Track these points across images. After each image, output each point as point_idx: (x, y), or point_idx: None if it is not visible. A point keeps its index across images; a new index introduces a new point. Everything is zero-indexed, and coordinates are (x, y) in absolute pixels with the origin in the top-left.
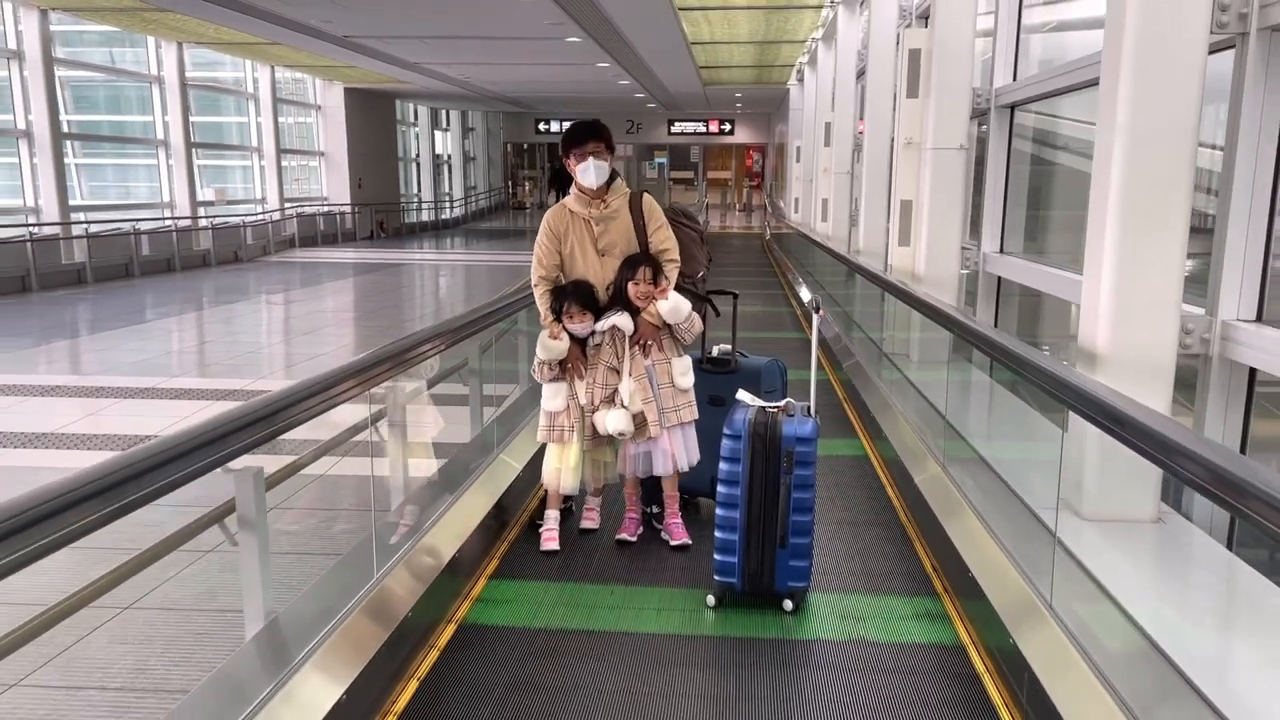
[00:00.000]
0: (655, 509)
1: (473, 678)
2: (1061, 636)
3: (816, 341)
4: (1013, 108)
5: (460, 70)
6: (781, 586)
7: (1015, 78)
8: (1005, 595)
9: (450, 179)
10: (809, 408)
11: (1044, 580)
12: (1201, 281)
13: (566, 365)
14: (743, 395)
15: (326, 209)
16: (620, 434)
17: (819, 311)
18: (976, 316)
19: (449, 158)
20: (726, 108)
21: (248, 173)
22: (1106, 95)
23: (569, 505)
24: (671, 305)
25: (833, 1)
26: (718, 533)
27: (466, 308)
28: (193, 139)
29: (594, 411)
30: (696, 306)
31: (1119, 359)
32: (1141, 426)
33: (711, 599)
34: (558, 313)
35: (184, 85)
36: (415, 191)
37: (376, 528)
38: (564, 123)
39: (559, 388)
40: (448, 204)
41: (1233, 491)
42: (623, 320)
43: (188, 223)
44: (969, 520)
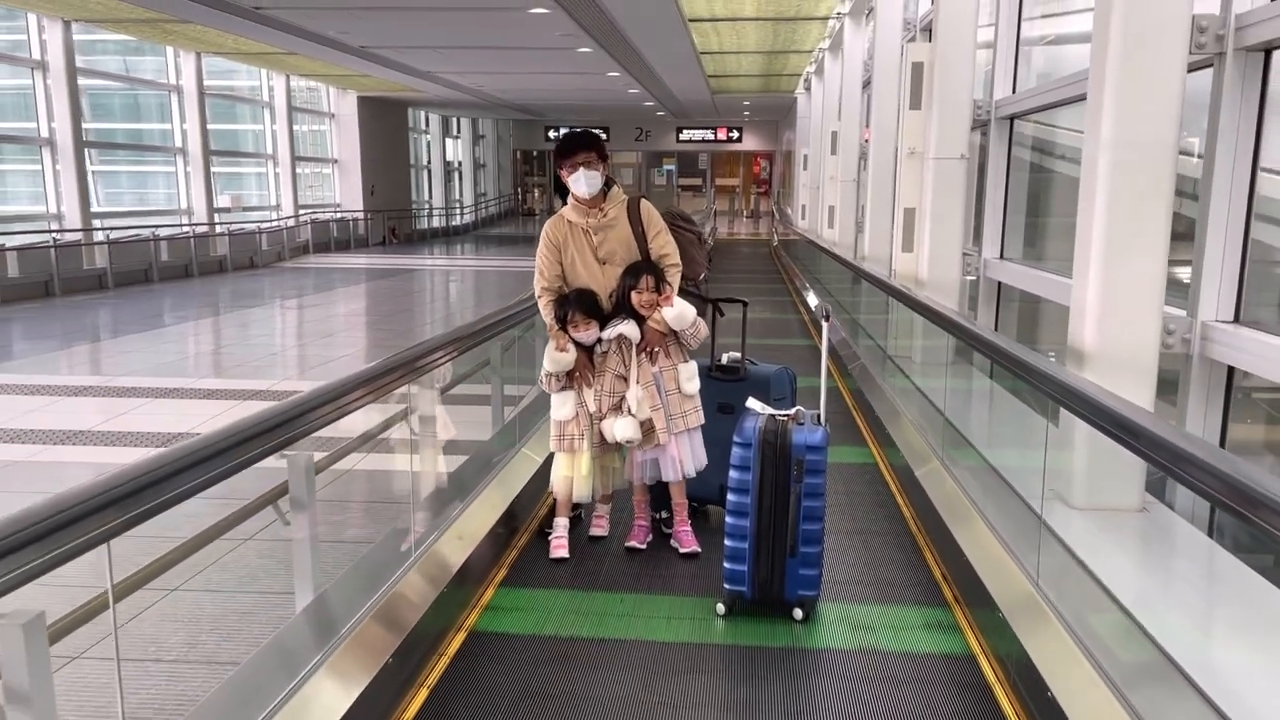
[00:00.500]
0: (664, 516)
1: (483, 686)
2: (1073, 646)
3: (826, 350)
4: (1012, 119)
5: (473, 79)
6: (791, 595)
7: (1014, 90)
8: (1016, 604)
9: (461, 186)
10: (819, 416)
11: (1054, 588)
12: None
13: (574, 374)
14: (752, 403)
15: (340, 215)
16: (629, 441)
17: (828, 319)
18: (977, 321)
19: (460, 164)
20: (735, 115)
21: (263, 180)
22: (1092, 110)
23: (578, 513)
24: (676, 312)
25: (839, 13)
26: (727, 540)
27: (478, 312)
28: (210, 147)
29: (602, 419)
30: (700, 310)
31: (1105, 357)
32: (1129, 423)
33: (721, 607)
34: (562, 321)
35: (202, 94)
36: (426, 198)
37: (387, 534)
38: (574, 130)
39: (567, 396)
40: (458, 210)
41: (1213, 481)
42: (629, 329)
43: (205, 229)
44: (978, 528)
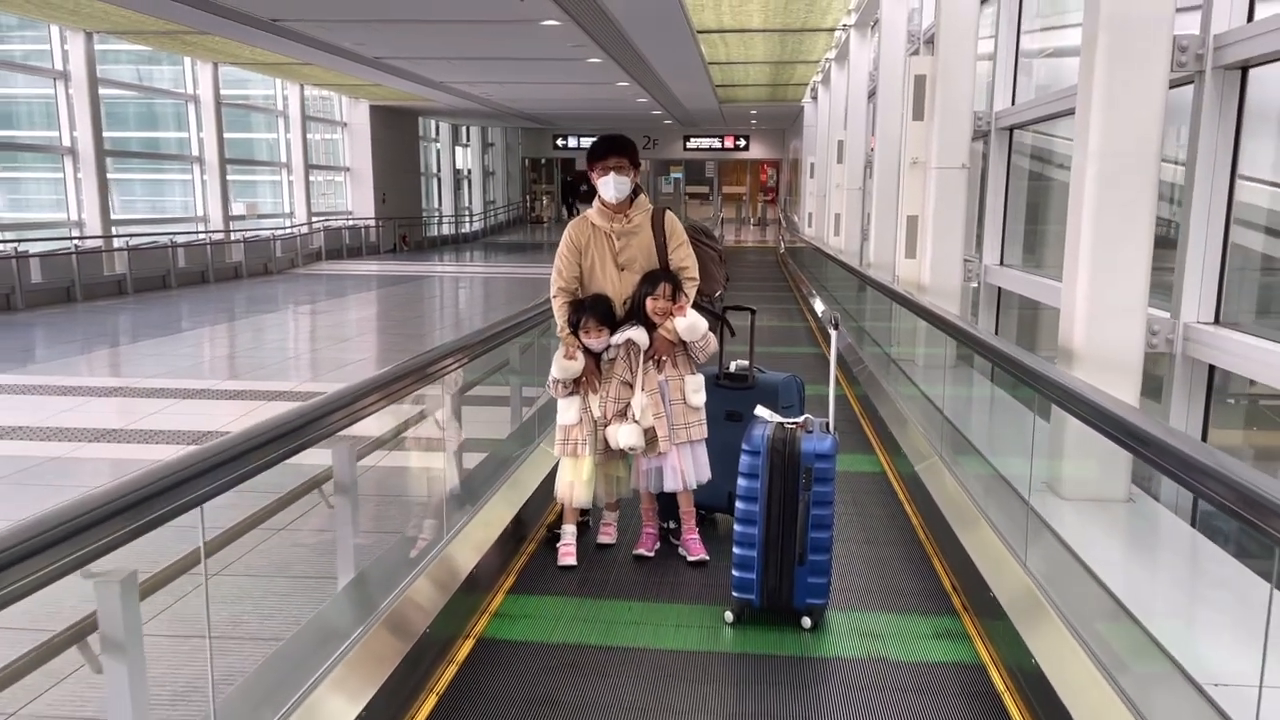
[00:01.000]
0: (672, 524)
1: (491, 693)
2: (1082, 654)
3: (835, 359)
4: (1011, 130)
5: (484, 89)
6: (800, 603)
7: (1014, 102)
8: (1024, 612)
9: (470, 194)
10: (827, 423)
11: (1062, 595)
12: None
13: (581, 379)
14: (761, 411)
15: (352, 223)
16: (631, 449)
17: (836, 328)
18: (978, 325)
19: (469, 173)
20: (742, 124)
21: (276, 188)
22: (1080, 124)
23: (586, 520)
24: (689, 323)
25: (845, 25)
26: (736, 549)
27: (488, 318)
28: (225, 155)
29: (606, 425)
30: (712, 325)
31: (1093, 357)
32: (1118, 419)
33: (730, 615)
34: (575, 326)
35: (218, 104)
36: (436, 206)
37: (396, 541)
38: (581, 139)
39: (573, 401)
40: (467, 218)
41: (1193, 472)
42: (638, 334)
43: (220, 236)
44: (986, 535)
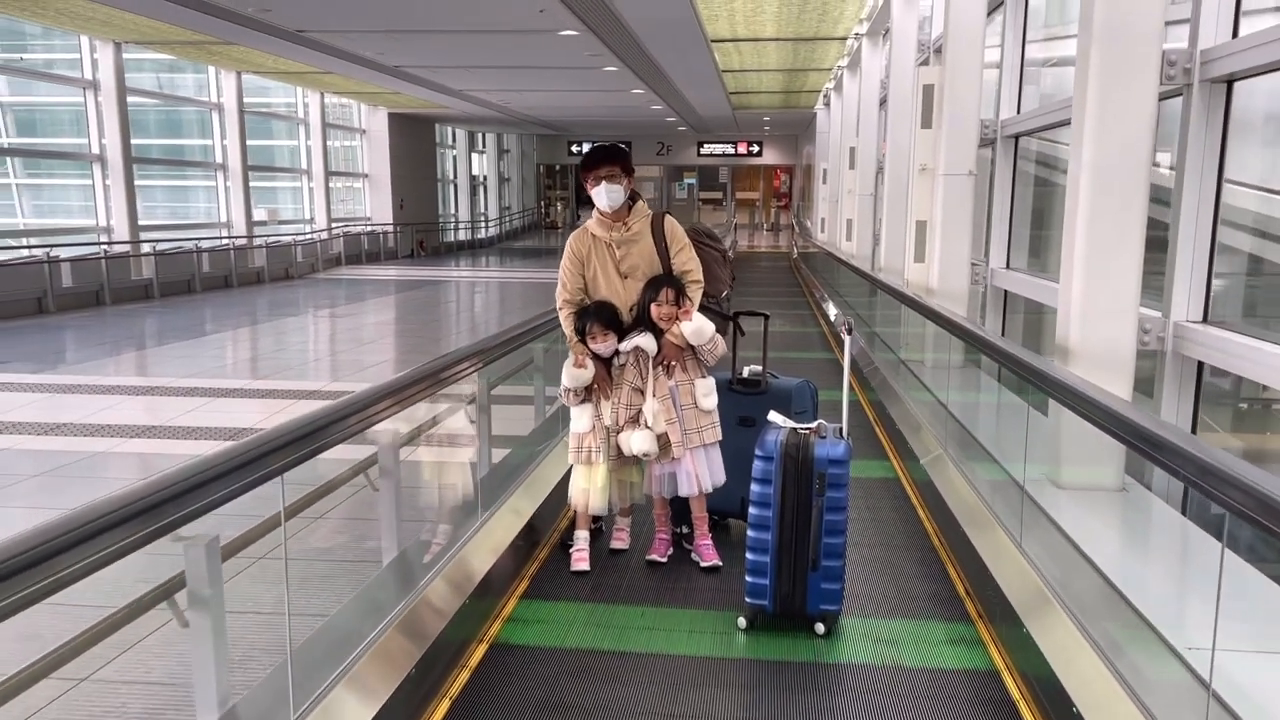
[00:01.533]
0: (685, 529)
1: (504, 698)
2: (1099, 662)
3: (849, 364)
4: (1016, 137)
5: (501, 96)
6: (813, 609)
7: (1019, 110)
8: (1039, 619)
9: (486, 199)
10: (841, 429)
11: (1078, 601)
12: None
13: (592, 387)
14: (774, 416)
15: (370, 228)
16: (645, 455)
17: (850, 333)
18: (985, 327)
19: (485, 179)
20: (755, 130)
21: (297, 194)
22: (1075, 134)
23: (599, 525)
24: (695, 326)
25: (857, 34)
26: (749, 554)
27: (504, 322)
28: (248, 162)
29: (619, 432)
30: (721, 327)
31: (1088, 354)
32: (1112, 412)
33: (743, 621)
34: (581, 333)
35: (242, 111)
36: (453, 212)
37: (407, 546)
38: (596, 145)
39: (585, 408)
40: (483, 224)
41: (1182, 461)
42: (646, 341)
43: (243, 242)
44: (1000, 541)
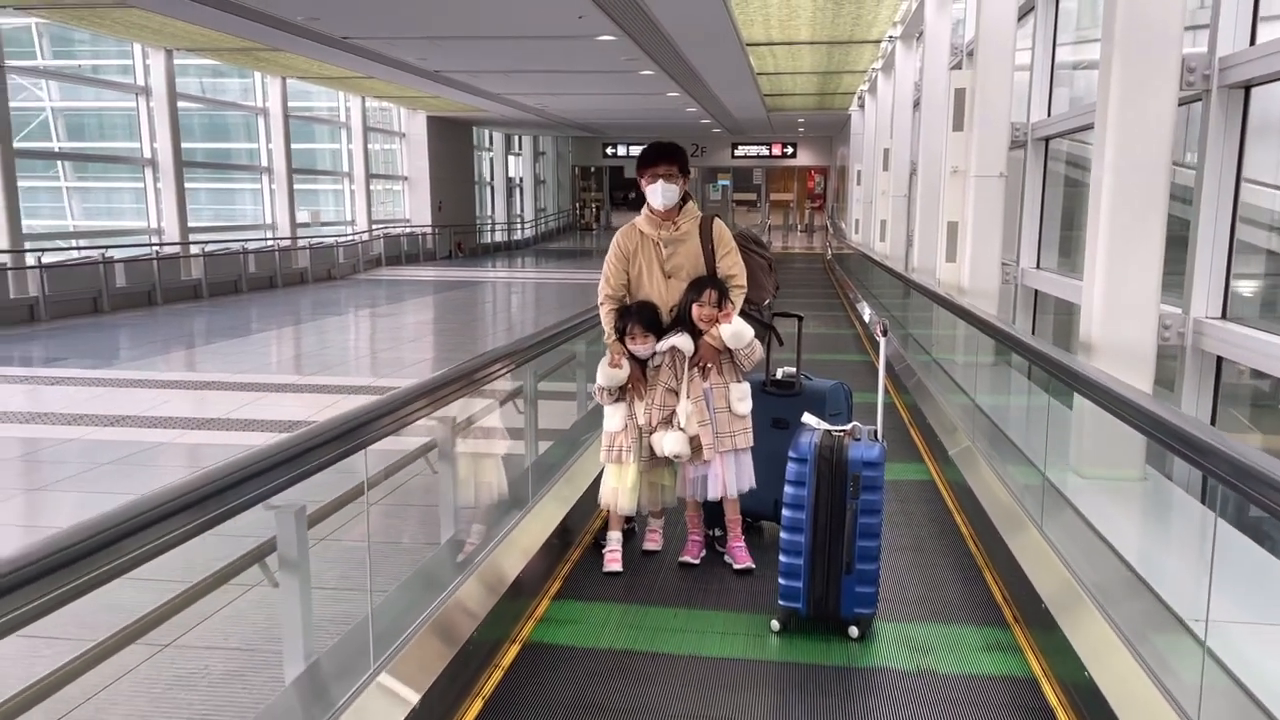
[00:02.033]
0: (718, 532)
1: (537, 698)
2: (1139, 670)
3: (884, 366)
4: (1047, 140)
5: (538, 99)
6: (847, 613)
7: (1049, 113)
8: (1078, 625)
9: (522, 201)
10: (875, 431)
11: (1118, 610)
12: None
13: (626, 386)
14: (808, 418)
15: (409, 230)
16: (677, 456)
17: (885, 334)
18: (1016, 326)
19: (521, 181)
20: (789, 131)
21: (339, 196)
22: (1098, 138)
23: (631, 527)
24: (734, 330)
25: (891, 37)
26: (782, 557)
27: (540, 321)
28: (292, 165)
29: (652, 433)
30: (760, 334)
31: (1110, 349)
32: (1135, 406)
33: (776, 624)
34: (621, 332)
35: (286, 116)
36: (489, 213)
37: (442, 546)
38: (631, 147)
39: (619, 408)
40: (519, 225)
41: (1201, 452)
42: (683, 341)
43: (287, 243)
44: (1039, 546)
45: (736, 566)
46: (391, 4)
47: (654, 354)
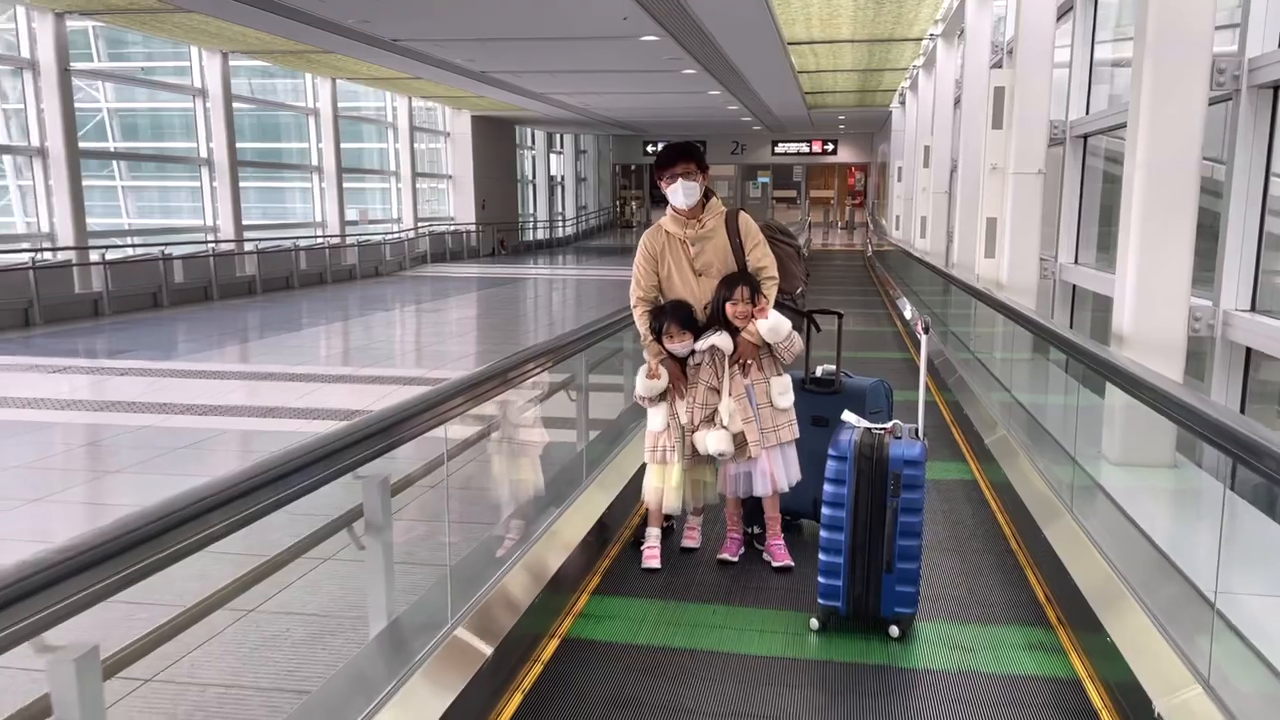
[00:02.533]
0: (756, 529)
1: (576, 692)
2: (1186, 672)
3: (925, 364)
4: (1085, 137)
5: (580, 99)
6: (888, 612)
7: (1088, 111)
8: (1124, 627)
9: (563, 199)
10: (917, 429)
11: (1165, 612)
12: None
13: (667, 387)
14: (848, 416)
15: (454, 228)
16: (720, 454)
17: (926, 331)
18: (1053, 319)
19: (562, 179)
20: (830, 129)
21: (385, 195)
22: (1130, 134)
23: (670, 524)
24: (771, 324)
25: (932, 34)
26: (822, 555)
27: (583, 316)
28: (342, 165)
29: (694, 431)
30: (796, 324)
31: (1142, 341)
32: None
33: (815, 622)
34: (657, 332)
35: (336, 116)
36: (531, 211)
37: (487, 538)
38: (673, 141)
39: (660, 408)
40: (560, 223)
41: (1231, 440)
42: (722, 340)
43: (336, 241)
44: (1084, 547)
45: (775, 564)
46: (442, 8)
47: (693, 353)
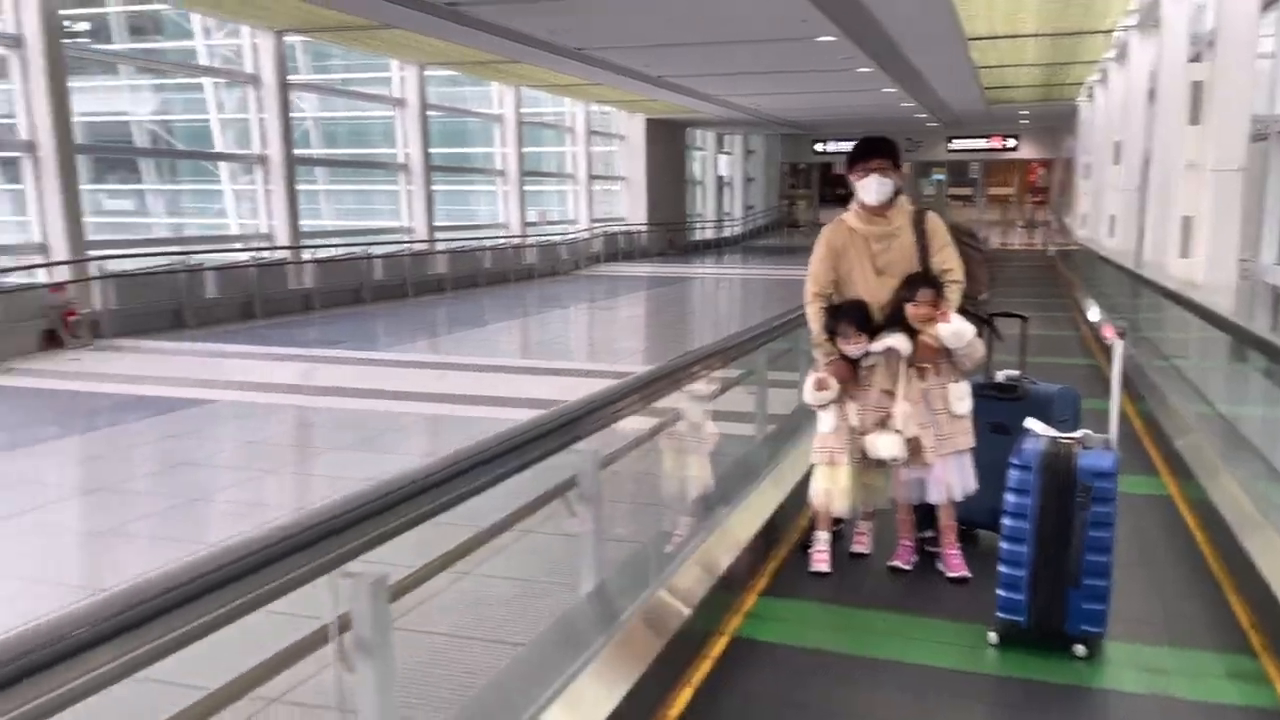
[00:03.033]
0: (929, 534)
1: (744, 691)
2: None
3: (1119, 371)
4: None
5: (752, 100)
6: (1073, 629)
7: None
8: None
9: (731, 199)
10: (1108, 440)
11: None
12: None
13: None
14: (1032, 424)
15: (626, 228)
16: (893, 459)
17: (1122, 337)
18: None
19: (730, 179)
20: (1010, 124)
21: (562, 196)
22: None
23: (840, 528)
24: (954, 329)
25: (1125, 26)
26: (1002, 567)
27: (748, 318)
28: (524, 169)
29: (864, 434)
30: (977, 330)
31: None
32: None
33: (994, 636)
34: (830, 332)
35: (519, 122)
36: (699, 211)
37: (651, 538)
38: (840, 143)
39: (831, 410)
40: (728, 223)
41: None
42: (900, 342)
43: (518, 241)
44: None
45: (951, 575)
46: (622, 18)
47: (867, 354)
